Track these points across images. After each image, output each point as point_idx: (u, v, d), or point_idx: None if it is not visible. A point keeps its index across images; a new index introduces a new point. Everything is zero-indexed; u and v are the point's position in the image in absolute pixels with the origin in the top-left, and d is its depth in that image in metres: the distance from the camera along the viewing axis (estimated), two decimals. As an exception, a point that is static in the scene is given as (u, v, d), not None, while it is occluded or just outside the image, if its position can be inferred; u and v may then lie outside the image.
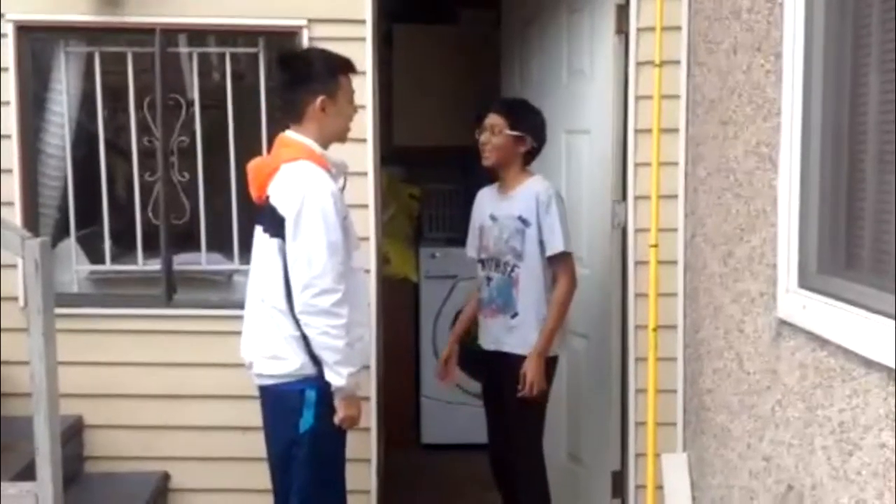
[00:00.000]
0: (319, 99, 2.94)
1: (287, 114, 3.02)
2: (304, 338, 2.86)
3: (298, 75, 2.97)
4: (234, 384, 3.43)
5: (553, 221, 3.45)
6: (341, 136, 3.07)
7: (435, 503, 4.66)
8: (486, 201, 3.67)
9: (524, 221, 3.47)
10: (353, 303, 2.90)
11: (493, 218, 3.58)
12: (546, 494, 3.61)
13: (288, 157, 2.91)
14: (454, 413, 5.11)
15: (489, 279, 3.58)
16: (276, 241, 2.87)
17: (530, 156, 3.58)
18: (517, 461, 3.57)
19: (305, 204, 2.81)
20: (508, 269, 3.51)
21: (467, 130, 3.77)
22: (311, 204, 2.81)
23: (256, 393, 3.07)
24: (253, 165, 3.07)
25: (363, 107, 3.67)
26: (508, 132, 3.50)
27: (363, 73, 3.67)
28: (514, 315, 3.51)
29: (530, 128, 3.54)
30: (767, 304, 2.79)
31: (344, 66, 3.04)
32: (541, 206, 3.45)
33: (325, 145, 2.99)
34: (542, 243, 3.47)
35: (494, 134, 3.52)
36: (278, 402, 2.94)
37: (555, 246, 3.45)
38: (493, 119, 3.53)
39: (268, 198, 2.92)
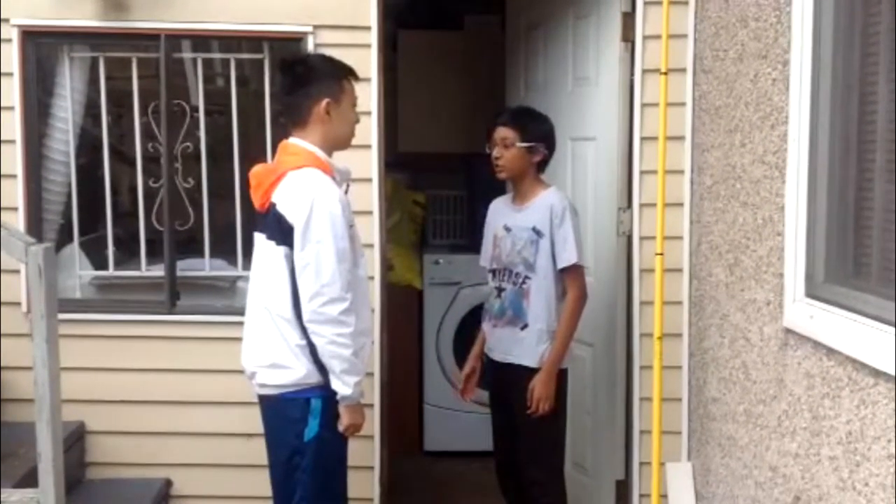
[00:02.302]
0: (324, 102, 2.92)
1: (291, 118, 2.99)
2: (310, 346, 2.84)
3: (302, 79, 2.95)
4: (237, 391, 3.41)
5: (566, 234, 3.42)
6: (345, 143, 3.05)
7: (438, 511, 4.65)
8: (501, 211, 3.64)
9: (538, 233, 3.45)
10: (357, 311, 2.89)
11: (507, 228, 3.55)
12: None
13: (294, 165, 2.89)
14: (457, 420, 5.09)
15: (501, 290, 3.56)
16: (282, 250, 2.85)
17: (543, 164, 3.56)
18: (535, 474, 3.52)
19: (314, 211, 2.79)
20: (520, 280, 3.49)
21: (472, 137, 3.76)
22: (320, 211, 2.79)
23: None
24: (256, 172, 3.04)
25: (368, 113, 3.67)
26: (521, 144, 3.47)
27: (368, 79, 3.67)
28: (524, 326, 3.48)
29: (541, 136, 3.52)
30: (774, 313, 2.78)
31: (347, 71, 3.02)
32: (555, 217, 3.43)
33: (328, 152, 2.97)
34: (554, 255, 3.45)
35: (506, 147, 3.48)
36: (282, 411, 2.92)
37: (567, 258, 3.43)
38: (504, 132, 3.49)
39: (272, 205, 2.89)
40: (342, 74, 3.00)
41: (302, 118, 2.94)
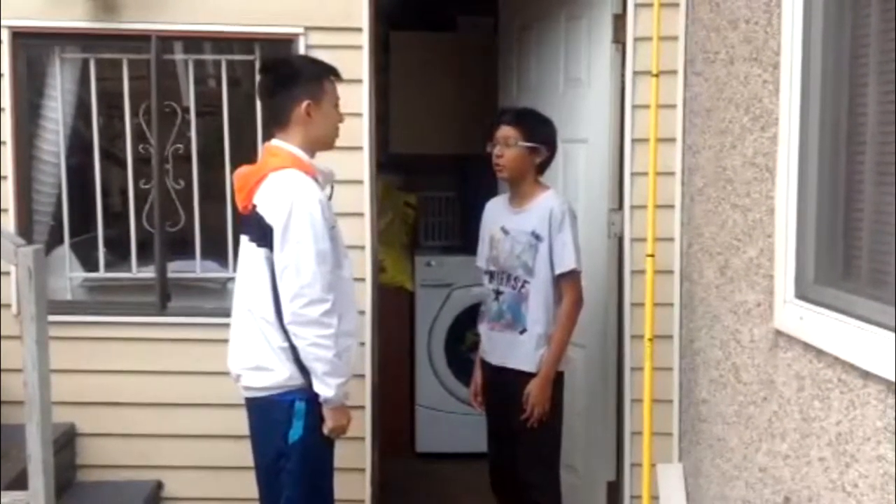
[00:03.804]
0: (305, 103, 2.91)
1: (272, 119, 3.00)
2: (293, 348, 2.84)
3: (283, 80, 2.95)
4: (228, 392, 3.39)
5: (566, 239, 3.42)
6: (328, 143, 3.04)
7: (430, 512, 4.65)
8: (498, 212, 3.63)
9: (537, 237, 3.44)
10: (342, 313, 2.88)
11: (504, 231, 3.54)
12: None
13: (275, 166, 2.89)
14: (449, 422, 5.09)
15: (499, 293, 3.55)
16: (262, 251, 2.85)
17: (543, 166, 3.56)
18: (533, 478, 3.54)
19: (293, 212, 2.78)
20: (519, 284, 3.49)
21: (465, 138, 3.75)
22: (299, 212, 2.79)
23: (247, 403, 3.06)
24: (239, 174, 3.04)
25: (359, 114, 3.67)
26: (523, 144, 3.47)
27: (359, 80, 3.67)
28: (523, 331, 3.48)
29: (544, 138, 3.51)
30: (764, 314, 2.78)
31: (329, 72, 3.02)
32: (554, 221, 3.42)
33: (311, 152, 2.97)
34: (552, 260, 3.45)
35: (508, 146, 3.47)
36: (267, 413, 2.92)
37: (566, 263, 3.42)
38: (506, 131, 3.49)
39: (254, 207, 2.89)
40: (323, 75, 3.00)
41: (283, 119, 2.94)
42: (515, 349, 3.51)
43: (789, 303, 2.61)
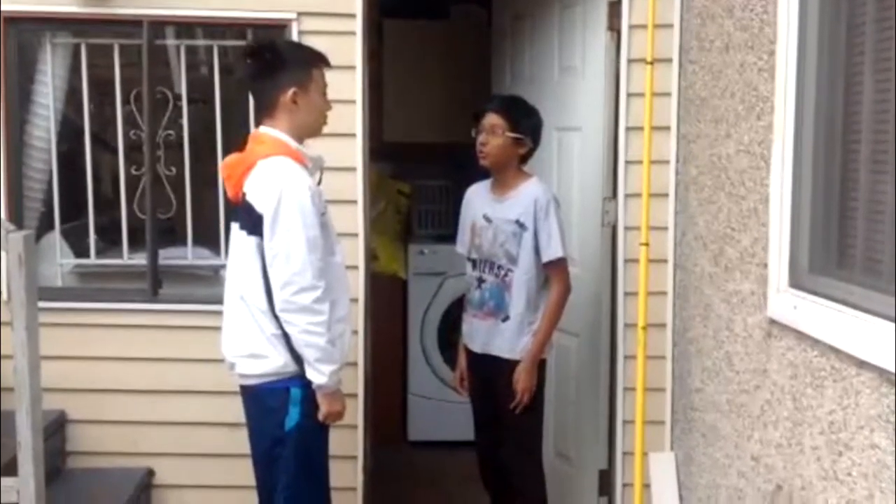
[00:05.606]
0: (291, 91, 2.88)
1: (258, 106, 2.98)
2: (286, 336, 2.82)
3: (270, 66, 2.90)
4: (219, 380, 3.39)
5: (552, 227, 3.42)
6: (315, 130, 3.02)
7: (422, 500, 4.64)
8: (480, 199, 3.62)
9: (521, 225, 3.44)
10: (335, 299, 2.87)
11: (487, 219, 3.53)
12: (543, 499, 3.61)
13: (263, 154, 2.86)
14: (441, 410, 5.09)
15: (482, 280, 3.55)
16: (253, 239, 2.83)
17: (526, 157, 3.54)
18: (515, 464, 3.55)
19: (283, 200, 2.76)
20: (502, 272, 3.49)
21: (458, 126, 3.74)
22: (288, 200, 2.77)
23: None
24: (227, 162, 3.01)
25: (353, 102, 3.65)
26: (509, 134, 3.46)
27: (353, 67, 3.65)
28: (506, 318, 3.48)
29: (530, 129, 3.50)
30: (758, 303, 2.78)
31: (316, 59, 2.99)
32: (539, 210, 3.42)
33: (298, 139, 2.94)
34: (537, 248, 3.44)
35: (494, 135, 3.46)
36: (263, 400, 2.92)
37: (552, 252, 3.42)
38: (493, 119, 3.47)
39: (244, 195, 2.87)
40: (311, 62, 2.96)
41: (269, 106, 2.91)
42: (498, 336, 3.51)
43: (783, 292, 2.61)
